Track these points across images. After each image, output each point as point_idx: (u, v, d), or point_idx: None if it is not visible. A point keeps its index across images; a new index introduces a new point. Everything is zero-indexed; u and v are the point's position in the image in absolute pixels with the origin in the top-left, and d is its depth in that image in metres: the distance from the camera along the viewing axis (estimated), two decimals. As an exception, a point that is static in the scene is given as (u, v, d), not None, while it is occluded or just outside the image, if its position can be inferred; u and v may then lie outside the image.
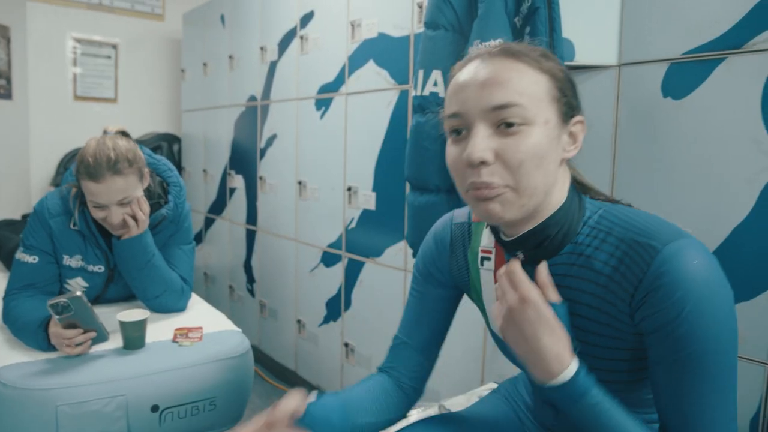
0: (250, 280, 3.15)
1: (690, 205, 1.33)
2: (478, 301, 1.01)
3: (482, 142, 0.76)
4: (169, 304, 1.77)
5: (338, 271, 2.43)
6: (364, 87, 2.20)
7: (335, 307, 2.46)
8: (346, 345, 2.41)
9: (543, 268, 0.82)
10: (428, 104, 1.44)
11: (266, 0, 2.85)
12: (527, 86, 0.77)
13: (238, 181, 3.21)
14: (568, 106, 0.81)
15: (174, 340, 1.56)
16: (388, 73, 2.08)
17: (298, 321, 2.73)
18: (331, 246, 2.46)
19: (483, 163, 0.76)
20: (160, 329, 1.63)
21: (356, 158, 2.26)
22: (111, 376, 1.35)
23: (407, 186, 1.70)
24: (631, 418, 0.76)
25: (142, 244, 1.66)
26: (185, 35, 3.80)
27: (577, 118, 0.83)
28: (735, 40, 1.24)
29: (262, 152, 2.94)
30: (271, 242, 2.92)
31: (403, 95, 2.01)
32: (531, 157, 0.76)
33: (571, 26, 1.39)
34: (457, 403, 1.37)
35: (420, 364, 1.06)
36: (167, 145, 3.87)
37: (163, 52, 4.08)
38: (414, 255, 1.60)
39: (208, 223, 3.59)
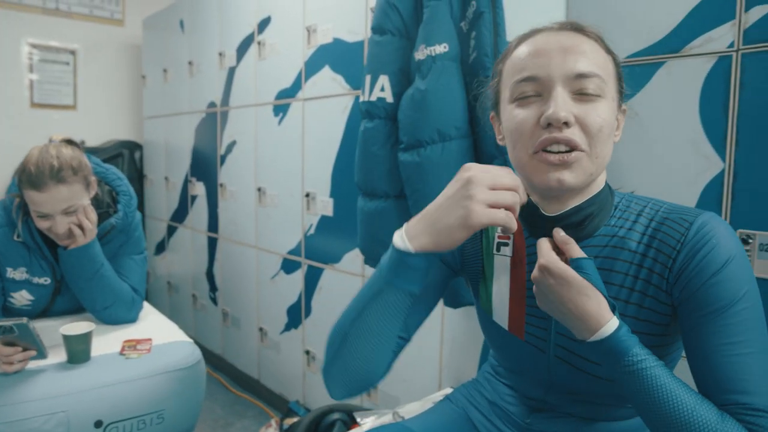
0: (213, 288, 3.11)
1: (634, 208, 1.34)
2: (486, 290, 0.99)
3: (566, 103, 0.77)
4: (119, 315, 1.73)
5: (298, 277, 2.40)
6: (320, 92, 2.19)
7: (296, 315, 2.44)
8: (307, 352, 2.39)
9: (558, 230, 0.83)
10: (376, 109, 1.43)
11: (224, 5, 2.82)
12: (602, 61, 0.81)
13: (199, 189, 3.17)
14: (621, 91, 0.86)
15: (121, 353, 1.52)
16: (343, 78, 2.07)
17: (260, 329, 2.70)
18: (290, 253, 2.44)
19: (566, 124, 0.77)
20: (107, 342, 1.59)
21: (314, 164, 2.25)
22: (52, 392, 1.31)
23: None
24: (683, 386, 0.75)
25: (89, 254, 1.61)
26: (146, 41, 3.74)
27: (624, 106, 0.88)
28: (673, 44, 1.26)
29: (222, 159, 2.91)
30: (232, 250, 2.89)
31: (358, 100, 2.01)
32: (607, 125, 0.79)
33: (518, 31, 1.39)
34: (411, 410, 1.36)
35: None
36: (129, 152, 3.80)
37: (123, 58, 4.02)
38: (366, 261, 1.59)
39: (171, 231, 3.54)
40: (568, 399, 0.94)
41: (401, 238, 0.79)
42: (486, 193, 0.74)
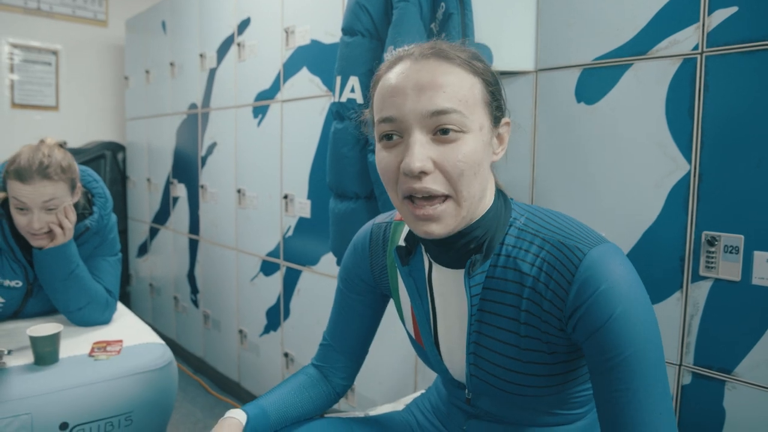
0: (194, 290, 3.09)
1: (604, 209, 1.34)
2: (396, 301, 1.01)
3: (421, 150, 0.73)
4: (92, 316, 1.72)
5: (277, 279, 2.39)
6: (298, 94, 2.18)
7: (275, 317, 2.43)
8: (286, 355, 2.38)
9: None
10: (346, 111, 1.43)
11: (204, 6, 2.81)
12: (464, 92, 0.75)
13: (180, 190, 3.15)
14: (498, 109, 0.81)
15: (90, 354, 1.51)
16: (320, 80, 2.06)
17: (240, 331, 2.68)
18: (269, 255, 2.43)
19: (423, 173, 0.74)
20: (77, 344, 1.58)
21: (292, 166, 2.24)
22: (16, 395, 1.29)
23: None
24: None
25: (66, 254, 1.60)
26: (128, 42, 3.73)
27: (505, 119, 0.83)
28: (640, 46, 1.26)
29: (203, 160, 2.90)
30: (213, 251, 2.87)
31: (336, 102, 2.00)
32: (470, 166, 0.75)
33: (488, 32, 1.40)
34: (384, 411, 1.35)
35: (346, 365, 1.08)
36: (111, 153, 3.78)
37: (106, 58, 4.00)
38: (338, 263, 1.58)
39: (153, 233, 3.52)
40: (493, 404, 0.94)
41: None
42: None
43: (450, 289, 0.89)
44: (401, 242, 0.95)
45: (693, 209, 1.21)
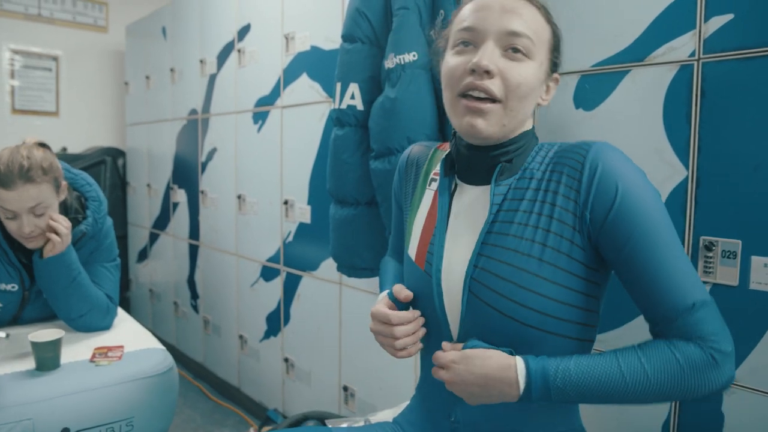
0: (194, 296, 3.09)
1: (602, 215, 1.35)
2: (411, 221, 1.04)
3: (492, 55, 0.85)
4: (94, 323, 1.72)
5: (277, 285, 2.40)
6: (298, 100, 2.19)
7: (275, 322, 2.43)
8: (286, 360, 2.38)
9: (445, 343, 0.91)
10: (346, 117, 1.44)
11: (205, 12, 2.83)
12: (538, 27, 0.88)
13: (180, 196, 3.16)
14: (555, 61, 0.94)
15: (91, 360, 1.51)
16: (320, 86, 2.07)
17: (240, 337, 2.69)
18: (270, 260, 2.43)
19: (487, 72, 0.84)
20: (78, 349, 1.58)
21: (292, 171, 2.25)
22: (18, 400, 1.29)
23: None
24: (600, 359, 0.82)
25: (66, 261, 1.60)
26: (128, 48, 3.74)
27: (556, 74, 0.95)
28: (638, 53, 1.27)
29: (203, 166, 2.91)
30: (213, 257, 2.88)
31: (335, 108, 2.02)
32: (526, 84, 0.86)
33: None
34: (383, 417, 1.36)
35: None
36: (111, 159, 3.78)
37: (106, 64, 4.01)
38: (338, 269, 1.59)
39: (153, 238, 3.52)
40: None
41: None
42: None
43: (468, 207, 0.95)
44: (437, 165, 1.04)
45: (691, 214, 1.21)
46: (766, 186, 1.10)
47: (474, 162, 0.94)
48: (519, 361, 0.82)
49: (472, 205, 0.95)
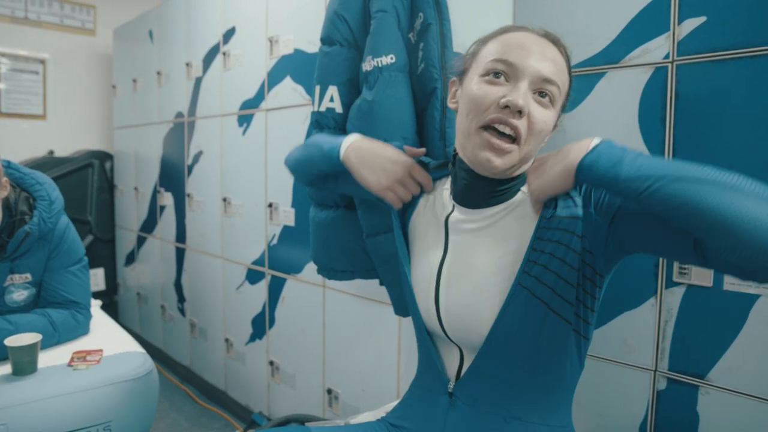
0: (181, 299, 3.08)
1: (579, 217, 1.35)
2: (405, 241, 1.11)
3: (527, 96, 0.88)
4: (69, 338, 1.68)
5: (262, 288, 2.39)
6: (282, 103, 2.19)
7: (260, 325, 2.43)
8: (272, 363, 2.37)
9: None
10: (325, 120, 1.43)
11: (191, 15, 2.82)
12: (564, 77, 0.94)
13: (167, 199, 3.15)
14: (565, 104, 0.98)
15: (69, 364, 1.50)
16: (303, 88, 2.07)
17: (227, 340, 2.68)
18: (255, 263, 2.43)
19: (520, 112, 0.87)
20: (57, 353, 1.58)
21: (276, 174, 2.25)
22: (-8, 405, 1.29)
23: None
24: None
25: None
26: (116, 51, 3.73)
27: (557, 122, 0.98)
28: (613, 55, 1.28)
29: (190, 169, 2.90)
30: (199, 260, 2.87)
31: (319, 110, 2.01)
32: (546, 129, 0.92)
33: (465, 43, 1.40)
34: (364, 419, 1.36)
35: None
36: (99, 162, 3.77)
37: (94, 67, 4.00)
38: (318, 271, 1.59)
39: (140, 241, 3.51)
40: (482, 362, 0.97)
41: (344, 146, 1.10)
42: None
43: (464, 229, 1.00)
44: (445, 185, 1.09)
45: (666, 216, 1.22)
46: (738, 187, 1.10)
47: (473, 187, 0.98)
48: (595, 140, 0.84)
49: (466, 229, 1.00)
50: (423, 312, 1.03)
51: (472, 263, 0.97)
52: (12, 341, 1.42)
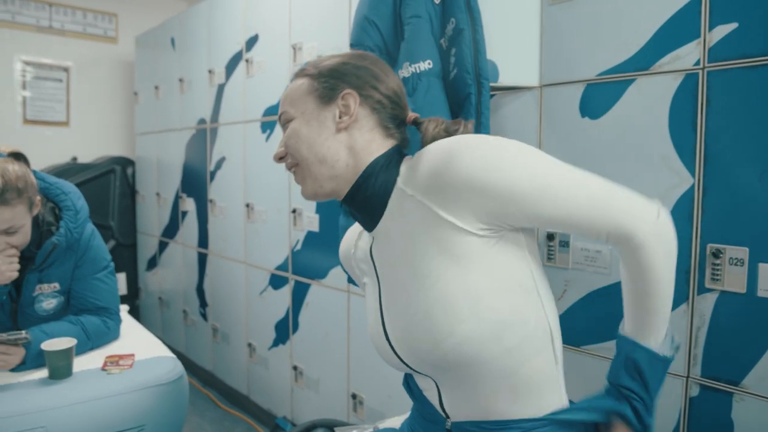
0: (203, 304, 3.11)
1: (609, 222, 1.36)
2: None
3: (280, 144, 0.97)
4: (102, 344, 1.71)
5: (286, 293, 2.41)
6: (306, 109, 2.21)
7: (284, 330, 2.44)
8: (295, 368, 2.39)
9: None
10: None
11: (213, 23, 2.86)
12: (295, 94, 0.95)
13: (189, 204, 3.18)
14: (327, 90, 0.93)
15: (103, 368, 1.53)
16: (328, 95, 2.09)
17: (249, 344, 2.70)
18: (278, 268, 2.45)
19: (281, 158, 0.98)
20: (90, 357, 1.60)
21: (300, 180, 2.27)
22: (31, 408, 1.31)
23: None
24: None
25: (33, 362, 1.52)
26: (138, 58, 3.78)
27: (343, 92, 0.92)
28: (643, 62, 1.28)
29: (212, 175, 2.93)
30: (221, 265, 2.90)
31: (343, 117, 2.03)
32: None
33: (494, 49, 1.42)
34: (391, 425, 1.37)
35: None
36: (121, 168, 3.82)
37: (116, 75, 4.05)
38: (349, 280, 1.60)
39: (162, 247, 3.55)
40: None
41: None
42: None
43: (381, 253, 0.95)
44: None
45: (697, 222, 1.22)
46: (773, 193, 1.10)
47: (352, 212, 1.00)
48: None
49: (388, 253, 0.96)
50: (384, 354, 0.96)
51: (397, 282, 0.91)
52: (48, 345, 1.44)
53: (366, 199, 0.92)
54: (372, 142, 0.93)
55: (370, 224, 0.94)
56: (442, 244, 0.82)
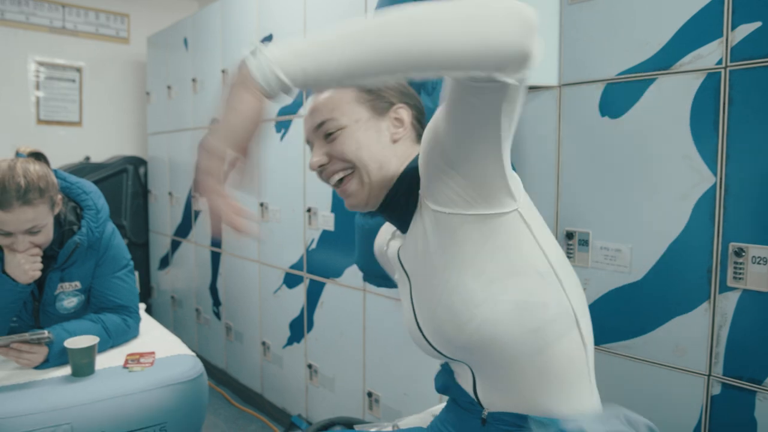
0: (216, 302, 3.13)
1: (630, 222, 1.36)
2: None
3: (316, 153, 0.96)
4: (121, 342, 1.73)
5: (300, 292, 2.42)
6: (321, 109, 2.22)
7: (298, 329, 2.46)
8: (310, 366, 2.40)
9: None
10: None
11: (227, 23, 2.87)
12: (339, 102, 0.94)
13: (202, 204, 3.19)
14: (380, 101, 0.96)
15: (125, 366, 1.54)
16: (343, 95, 2.10)
17: (263, 343, 2.71)
18: (293, 267, 2.46)
19: (321, 166, 0.95)
20: (111, 355, 1.62)
21: (315, 179, 2.26)
22: (56, 405, 1.32)
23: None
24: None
25: (56, 359, 1.54)
26: (150, 58, 3.80)
27: (397, 106, 0.97)
28: (664, 61, 1.29)
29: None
30: (235, 264, 2.91)
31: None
32: (355, 148, 0.93)
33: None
34: (410, 423, 1.37)
35: None
36: (133, 168, 3.84)
37: (128, 75, 4.08)
38: (364, 278, 1.61)
39: (175, 246, 3.57)
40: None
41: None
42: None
43: (410, 254, 0.98)
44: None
45: (719, 221, 1.22)
46: (797, 192, 1.11)
47: (383, 217, 1.04)
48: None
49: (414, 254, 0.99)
50: (419, 344, 1.00)
51: (422, 278, 0.95)
52: (71, 343, 1.46)
53: (403, 205, 0.96)
54: (412, 153, 0.97)
55: (404, 227, 0.98)
56: (446, 235, 0.87)
